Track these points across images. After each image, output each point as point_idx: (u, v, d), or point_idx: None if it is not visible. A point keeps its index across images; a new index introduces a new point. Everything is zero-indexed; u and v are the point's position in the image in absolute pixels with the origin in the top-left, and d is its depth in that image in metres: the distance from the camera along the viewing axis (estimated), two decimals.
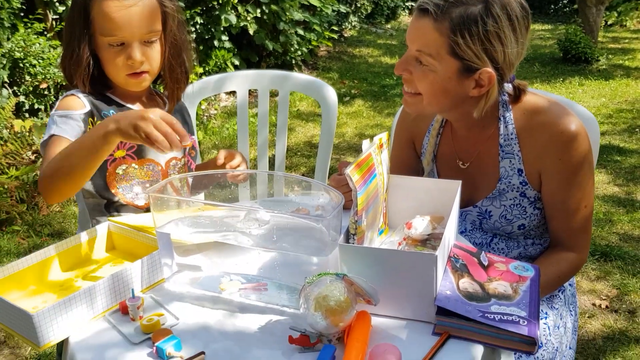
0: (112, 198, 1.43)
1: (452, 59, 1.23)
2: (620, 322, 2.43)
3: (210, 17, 5.22)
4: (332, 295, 0.94)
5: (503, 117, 1.36)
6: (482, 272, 1.10)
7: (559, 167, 1.33)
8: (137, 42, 1.34)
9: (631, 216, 3.30)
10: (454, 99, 1.29)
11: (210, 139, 4.64)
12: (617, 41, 8.48)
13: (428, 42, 1.23)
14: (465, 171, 1.45)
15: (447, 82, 1.25)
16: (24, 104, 3.80)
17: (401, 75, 1.31)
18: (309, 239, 1.06)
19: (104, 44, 1.35)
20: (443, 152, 1.49)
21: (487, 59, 1.22)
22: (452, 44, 1.21)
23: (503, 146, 1.37)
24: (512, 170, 1.37)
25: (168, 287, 1.15)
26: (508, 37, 1.22)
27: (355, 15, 8.79)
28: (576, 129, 1.30)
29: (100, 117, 1.39)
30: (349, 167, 1.04)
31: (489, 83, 1.25)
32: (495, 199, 1.40)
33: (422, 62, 1.25)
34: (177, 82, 1.47)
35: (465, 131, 1.43)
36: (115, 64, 1.36)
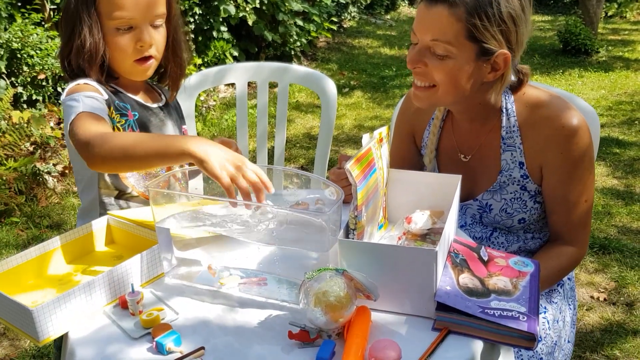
0: (125, 189, 1.42)
1: (470, 43, 1.22)
2: (618, 314, 2.44)
3: (209, 8, 5.19)
4: (332, 290, 0.94)
5: (505, 110, 1.36)
6: (482, 267, 1.10)
7: (561, 161, 1.33)
8: (146, 24, 1.33)
9: (630, 209, 3.30)
10: (471, 86, 1.28)
11: (209, 130, 4.63)
12: (617, 33, 8.46)
13: (445, 30, 1.22)
14: (466, 164, 1.45)
15: (465, 69, 1.24)
16: (21, 95, 3.78)
17: (414, 69, 1.28)
18: (309, 234, 1.06)
19: (110, 29, 1.32)
20: (444, 146, 1.49)
21: (503, 39, 1.23)
22: (470, 27, 1.21)
23: (505, 138, 1.37)
24: (514, 163, 1.37)
25: (167, 281, 1.15)
26: (519, 17, 1.23)
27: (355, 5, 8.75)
28: (578, 123, 1.30)
29: (115, 107, 1.37)
30: (349, 162, 1.03)
31: (505, 65, 1.26)
32: (495, 192, 1.40)
33: (438, 51, 1.24)
34: (180, 67, 1.47)
35: (467, 124, 1.42)
36: (123, 49, 1.34)
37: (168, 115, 1.51)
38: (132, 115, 1.40)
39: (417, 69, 1.28)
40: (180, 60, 1.46)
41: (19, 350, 2.28)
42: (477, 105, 1.35)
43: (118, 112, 1.37)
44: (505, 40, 1.24)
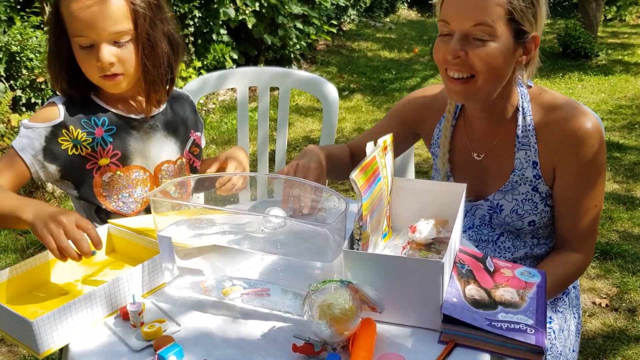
0: (100, 205, 1.40)
1: (509, 26, 1.23)
2: (620, 320, 2.42)
3: (209, 11, 5.18)
4: (336, 303, 0.92)
5: (522, 108, 1.37)
6: (489, 278, 1.09)
7: (574, 163, 1.32)
8: (105, 43, 1.29)
9: (631, 214, 3.29)
10: (507, 72, 1.29)
11: (208, 133, 4.61)
12: (617, 36, 8.47)
13: (488, 14, 1.21)
14: (479, 163, 1.44)
15: (505, 53, 1.24)
16: (20, 98, 3.76)
17: (455, 59, 1.25)
18: (313, 244, 1.05)
19: (75, 46, 1.31)
20: (457, 145, 1.48)
21: (534, 21, 1.25)
22: (511, 9, 1.21)
23: (520, 137, 1.37)
24: (527, 162, 1.37)
25: (169, 291, 1.13)
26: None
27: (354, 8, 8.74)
28: (593, 127, 1.31)
29: (80, 125, 1.36)
30: (353, 172, 1.02)
31: (535, 47, 1.28)
32: (507, 192, 1.39)
33: (479, 37, 1.23)
34: (153, 84, 1.39)
35: (484, 122, 1.42)
36: (87, 66, 1.32)
37: (159, 125, 1.47)
38: (101, 131, 1.38)
39: (458, 59, 1.25)
40: (152, 77, 1.38)
41: (17, 357, 2.26)
42: (501, 100, 1.35)
43: (84, 130, 1.36)
44: (536, 23, 1.26)
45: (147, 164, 1.44)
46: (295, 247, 1.05)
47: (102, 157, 1.38)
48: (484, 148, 1.43)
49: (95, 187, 1.39)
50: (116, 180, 1.40)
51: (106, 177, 1.39)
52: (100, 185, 1.39)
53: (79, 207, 1.46)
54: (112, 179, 1.40)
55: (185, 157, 1.53)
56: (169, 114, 1.50)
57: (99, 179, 1.39)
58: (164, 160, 1.47)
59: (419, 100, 1.56)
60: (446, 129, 1.48)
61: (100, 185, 1.39)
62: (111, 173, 1.39)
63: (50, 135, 1.34)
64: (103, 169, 1.39)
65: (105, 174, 1.39)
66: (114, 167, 1.39)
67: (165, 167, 1.47)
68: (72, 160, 1.36)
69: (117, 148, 1.39)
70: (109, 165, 1.39)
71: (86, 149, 1.36)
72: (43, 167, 1.34)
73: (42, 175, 1.35)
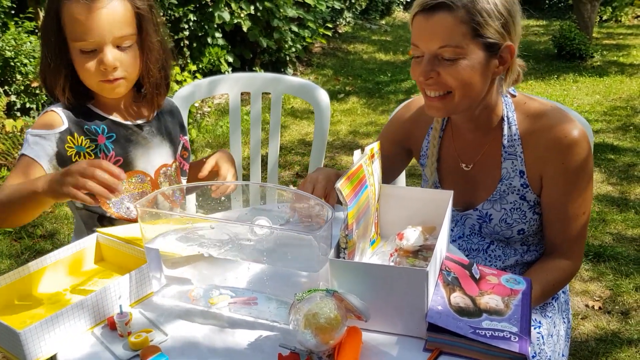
0: (104, 212, 1.41)
1: (477, 42, 1.24)
2: (613, 323, 2.43)
3: (204, 14, 5.19)
4: (322, 312, 0.93)
5: (507, 118, 1.37)
6: (474, 285, 1.09)
7: (561, 171, 1.33)
8: (109, 46, 1.29)
9: (624, 216, 3.30)
10: (484, 85, 1.29)
11: (203, 137, 4.62)
12: (612, 37, 8.49)
13: (452, 34, 1.23)
14: (467, 173, 1.45)
15: (477, 67, 1.25)
16: (15, 104, 3.77)
17: (427, 80, 1.27)
18: (300, 252, 1.05)
19: (76, 50, 1.30)
20: (445, 155, 1.49)
21: (505, 32, 1.26)
22: (474, 26, 1.22)
23: (506, 147, 1.38)
24: (514, 171, 1.37)
25: (157, 300, 1.14)
26: (512, 7, 1.27)
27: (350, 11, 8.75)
28: (579, 134, 1.32)
29: (83, 132, 1.36)
30: (339, 181, 1.03)
31: (511, 56, 1.28)
32: (495, 201, 1.40)
33: (447, 57, 1.24)
34: (156, 87, 1.43)
35: (470, 133, 1.43)
36: (88, 70, 1.31)
37: (155, 131, 1.48)
38: (103, 139, 1.38)
39: (430, 79, 1.27)
40: (155, 80, 1.41)
41: None
42: (484, 110, 1.36)
43: (87, 137, 1.37)
44: (507, 32, 1.26)
45: (147, 169, 1.46)
46: (281, 256, 1.06)
47: None
48: (472, 158, 1.44)
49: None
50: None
51: None
52: None
53: (79, 219, 1.46)
54: None
55: (177, 160, 1.55)
56: (161, 119, 1.52)
57: None
58: (161, 164, 1.49)
59: (404, 117, 1.57)
60: (434, 139, 1.49)
61: None
62: None
63: (59, 141, 1.34)
64: None
65: None
66: None
67: (163, 171, 1.49)
68: None
69: (118, 154, 1.40)
70: None
71: (89, 155, 1.37)
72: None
73: None
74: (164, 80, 1.45)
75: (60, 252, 1.21)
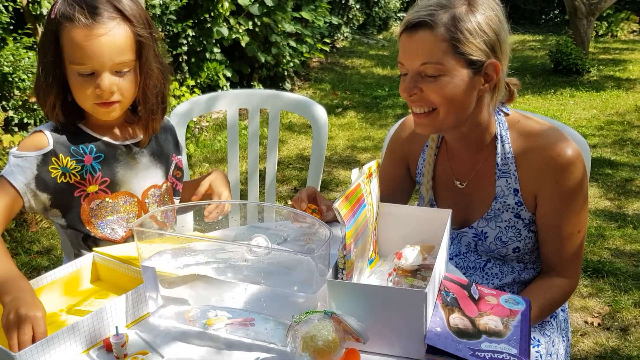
0: (88, 232, 1.40)
1: (458, 58, 1.25)
2: (612, 340, 2.42)
3: (202, 30, 5.21)
4: (320, 335, 0.92)
5: (500, 136, 1.38)
6: (473, 306, 1.09)
7: (555, 190, 1.33)
8: (107, 71, 1.29)
9: (622, 231, 3.30)
10: (469, 102, 1.30)
11: (201, 151, 4.62)
12: (608, 52, 8.55)
13: (432, 51, 1.24)
14: (462, 191, 1.45)
15: (460, 84, 1.26)
16: (13, 119, 3.76)
17: (410, 96, 1.30)
18: (297, 273, 1.04)
19: (73, 73, 1.29)
20: (440, 173, 1.49)
21: (488, 49, 1.26)
22: (454, 43, 1.24)
23: (500, 165, 1.38)
24: (508, 190, 1.37)
25: (153, 321, 1.12)
26: (497, 25, 1.28)
27: (347, 26, 8.81)
28: (573, 154, 1.32)
29: (69, 153, 1.35)
30: (337, 201, 1.02)
31: (497, 73, 1.29)
32: (490, 219, 1.40)
33: (430, 74, 1.26)
34: (152, 112, 1.41)
35: (464, 151, 1.43)
36: (84, 93, 1.30)
37: (145, 151, 1.47)
38: (90, 159, 1.37)
39: (414, 96, 1.29)
40: (151, 106, 1.40)
41: None
42: (475, 128, 1.36)
43: (74, 159, 1.36)
44: (491, 50, 1.27)
45: (135, 190, 1.44)
46: (279, 277, 1.05)
47: (90, 185, 1.37)
48: (466, 176, 1.44)
49: (82, 215, 1.38)
50: (104, 207, 1.39)
51: (94, 204, 1.38)
52: (88, 212, 1.38)
53: (65, 238, 1.45)
54: (101, 205, 1.39)
55: (169, 180, 1.54)
56: (153, 140, 1.51)
57: (87, 206, 1.38)
58: (150, 185, 1.47)
59: (401, 136, 1.59)
60: (429, 156, 1.49)
61: (88, 213, 1.38)
62: (99, 200, 1.39)
63: (42, 163, 1.33)
64: (91, 196, 1.38)
65: (94, 200, 1.38)
66: (103, 194, 1.39)
67: (152, 192, 1.47)
68: (61, 188, 1.35)
69: (105, 175, 1.39)
70: (97, 192, 1.38)
71: (75, 176, 1.36)
72: (35, 196, 1.32)
73: (34, 204, 1.33)
74: (161, 105, 1.43)
75: (57, 272, 1.20)
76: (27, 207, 1.33)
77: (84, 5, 1.26)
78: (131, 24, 1.30)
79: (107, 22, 1.27)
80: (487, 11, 1.26)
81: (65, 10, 1.27)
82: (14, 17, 3.96)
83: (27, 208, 1.33)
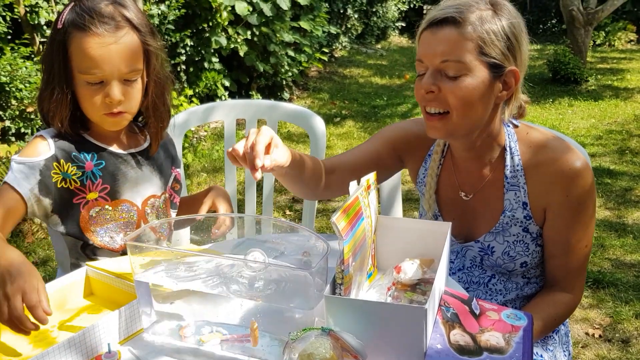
0: (87, 240, 1.38)
1: (481, 60, 1.23)
2: (614, 351, 2.39)
3: (201, 39, 5.21)
4: (317, 352, 0.90)
5: (509, 148, 1.35)
6: (474, 322, 1.06)
7: (565, 203, 1.31)
8: (116, 80, 1.29)
9: (623, 241, 3.28)
10: (486, 107, 1.27)
11: (199, 161, 4.60)
12: (606, 61, 8.56)
13: (456, 49, 1.22)
14: (467, 203, 1.42)
15: (479, 88, 1.24)
16: (10, 129, 3.75)
17: (427, 94, 1.25)
18: (294, 288, 1.02)
19: (81, 82, 1.29)
20: (444, 184, 1.46)
21: (510, 56, 1.25)
22: (480, 43, 1.22)
23: (509, 178, 1.35)
24: (517, 203, 1.35)
25: (147, 338, 1.10)
26: (519, 34, 1.26)
27: (346, 35, 8.83)
28: (582, 165, 1.30)
29: (70, 159, 1.34)
30: (334, 215, 1.00)
31: (516, 82, 1.27)
32: (498, 234, 1.37)
33: (450, 73, 1.23)
34: (161, 120, 1.43)
35: (470, 162, 1.40)
36: (93, 103, 1.30)
37: (146, 161, 1.46)
38: (91, 166, 1.36)
39: (430, 94, 1.25)
40: (160, 114, 1.42)
41: None
42: (486, 138, 1.34)
43: (74, 165, 1.34)
44: (512, 56, 1.25)
45: (135, 199, 1.43)
46: (275, 292, 1.02)
47: (90, 192, 1.36)
48: (473, 188, 1.41)
49: (82, 222, 1.36)
50: (104, 215, 1.38)
51: (94, 211, 1.37)
52: (88, 219, 1.37)
53: (60, 248, 1.43)
54: (100, 213, 1.37)
55: (168, 192, 1.52)
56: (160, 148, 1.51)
57: (86, 213, 1.36)
58: (150, 195, 1.46)
59: (412, 129, 1.51)
60: (433, 167, 1.45)
61: (88, 220, 1.36)
62: (99, 207, 1.37)
63: (44, 168, 1.32)
64: (91, 204, 1.36)
65: (93, 208, 1.37)
66: (103, 201, 1.37)
67: (151, 202, 1.46)
68: (61, 193, 1.34)
69: (106, 182, 1.37)
70: (97, 199, 1.37)
71: (75, 182, 1.34)
72: (38, 201, 1.31)
73: (37, 210, 1.32)
74: (167, 113, 1.45)
75: (49, 287, 1.17)
76: (30, 213, 1.31)
77: (93, 14, 1.26)
78: (139, 32, 1.31)
79: (116, 30, 1.27)
80: (511, 18, 1.25)
81: (74, 19, 1.27)
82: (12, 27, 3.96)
83: (30, 214, 1.32)
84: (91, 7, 1.27)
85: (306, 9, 6.29)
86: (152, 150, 1.47)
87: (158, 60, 1.36)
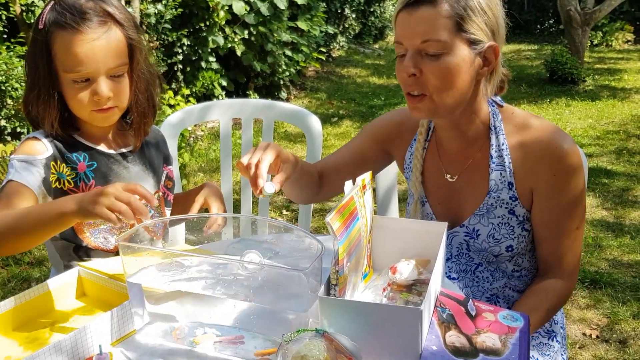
0: (80, 242, 1.36)
1: (460, 37, 1.22)
2: (611, 352, 2.39)
3: (198, 39, 5.20)
4: (311, 354, 0.89)
5: (494, 127, 1.34)
6: (470, 323, 1.05)
7: (553, 183, 1.29)
8: (103, 76, 1.27)
9: (620, 241, 3.27)
10: (468, 84, 1.26)
11: (196, 161, 4.59)
12: (603, 61, 8.57)
13: (435, 28, 1.21)
14: (453, 185, 1.40)
15: (460, 65, 1.23)
16: (5, 128, 3.74)
17: (410, 76, 1.24)
18: (288, 290, 1.01)
19: (67, 81, 1.27)
20: (429, 166, 1.45)
21: (488, 31, 1.24)
22: (457, 20, 1.21)
23: (494, 157, 1.34)
24: (503, 183, 1.33)
25: (139, 339, 1.09)
26: (495, 7, 1.26)
27: (343, 35, 8.82)
28: (569, 145, 1.29)
29: (64, 160, 1.33)
30: (329, 215, 0.99)
31: (496, 57, 1.26)
32: (482, 216, 1.36)
33: (430, 52, 1.22)
34: (144, 116, 1.41)
35: (455, 142, 1.38)
36: (80, 101, 1.28)
37: (138, 160, 1.45)
38: (84, 167, 1.35)
39: (412, 77, 1.24)
40: (143, 109, 1.39)
41: None
42: (470, 116, 1.33)
43: (68, 165, 1.33)
44: (491, 32, 1.25)
45: None
46: (269, 293, 1.01)
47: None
48: (457, 169, 1.40)
49: (75, 224, 1.35)
50: None
51: None
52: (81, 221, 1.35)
53: (54, 251, 1.41)
54: None
55: (161, 190, 1.51)
56: (144, 148, 1.49)
57: None
58: None
59: (393, 118, 1.52)
60: (418, 150, 1.44)
61: (81, 221, 1.35)
62: None
63: (45, 167, 1.31)
64: None
65: None
66: None
67: (144, 201, 1.44)
68: (56, 194, 1.33)
69: (99, 183, 1.36)
70: None
71: (69, 183, 1.33)
72: (44, 199, 1.30)
73: None
74: (152, 109, 1.42)
75: (39, 289, 1.16)
76: None
77: (74, 11, 1.24)
78: (122, 27, 1.29)
79: (98, 26, 1.25)
80: None
81: (55, 18, 1.25)
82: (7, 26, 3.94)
83: None
84: (72, 4, 1.25)
85: (304, 8, 6.28)
86: (134, 145, 1.44)
87: (142, 54, 1.34)
